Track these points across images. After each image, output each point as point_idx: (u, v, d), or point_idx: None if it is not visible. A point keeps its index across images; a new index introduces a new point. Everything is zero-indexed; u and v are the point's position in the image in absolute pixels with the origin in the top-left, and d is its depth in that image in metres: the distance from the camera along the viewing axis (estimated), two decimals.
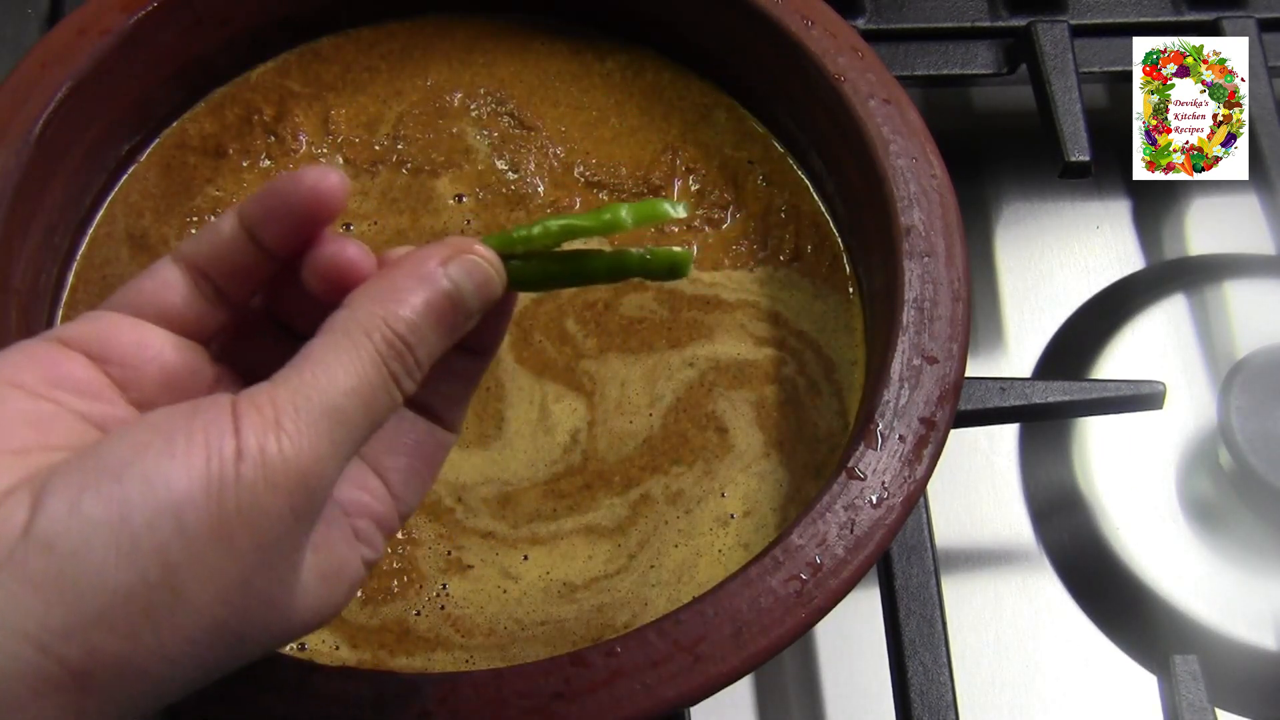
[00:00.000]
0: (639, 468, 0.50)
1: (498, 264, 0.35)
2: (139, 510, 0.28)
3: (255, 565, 0.30)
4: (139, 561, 0.28)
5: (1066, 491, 0.62)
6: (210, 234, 0.35)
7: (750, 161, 0.57)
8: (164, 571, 0.28)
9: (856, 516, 0.43)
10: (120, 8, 0.52)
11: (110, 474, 0.29)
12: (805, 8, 0.54)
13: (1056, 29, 0.66)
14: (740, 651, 0.41)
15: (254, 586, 0.30)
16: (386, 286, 0.33)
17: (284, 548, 0.30)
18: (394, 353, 0.32)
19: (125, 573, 0.28)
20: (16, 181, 0.48)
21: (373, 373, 0.31)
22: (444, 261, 0.33)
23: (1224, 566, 0.60)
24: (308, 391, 0.30)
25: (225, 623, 0.30)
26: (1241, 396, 0.57)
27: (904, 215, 0.49)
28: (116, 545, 0.28)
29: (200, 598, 0.29)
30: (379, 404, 0.32)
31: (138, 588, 0.28)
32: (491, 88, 0.58)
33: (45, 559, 0.28)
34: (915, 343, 0.47)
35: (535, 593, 0.47)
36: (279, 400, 0.30)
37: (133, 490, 0.28)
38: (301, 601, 0.32)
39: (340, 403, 0.30)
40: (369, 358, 0.31)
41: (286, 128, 0.56)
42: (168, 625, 0.29)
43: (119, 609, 0.28)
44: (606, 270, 0.37)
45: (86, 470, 0.29)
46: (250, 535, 0.29)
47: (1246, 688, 0.58)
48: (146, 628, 0.29)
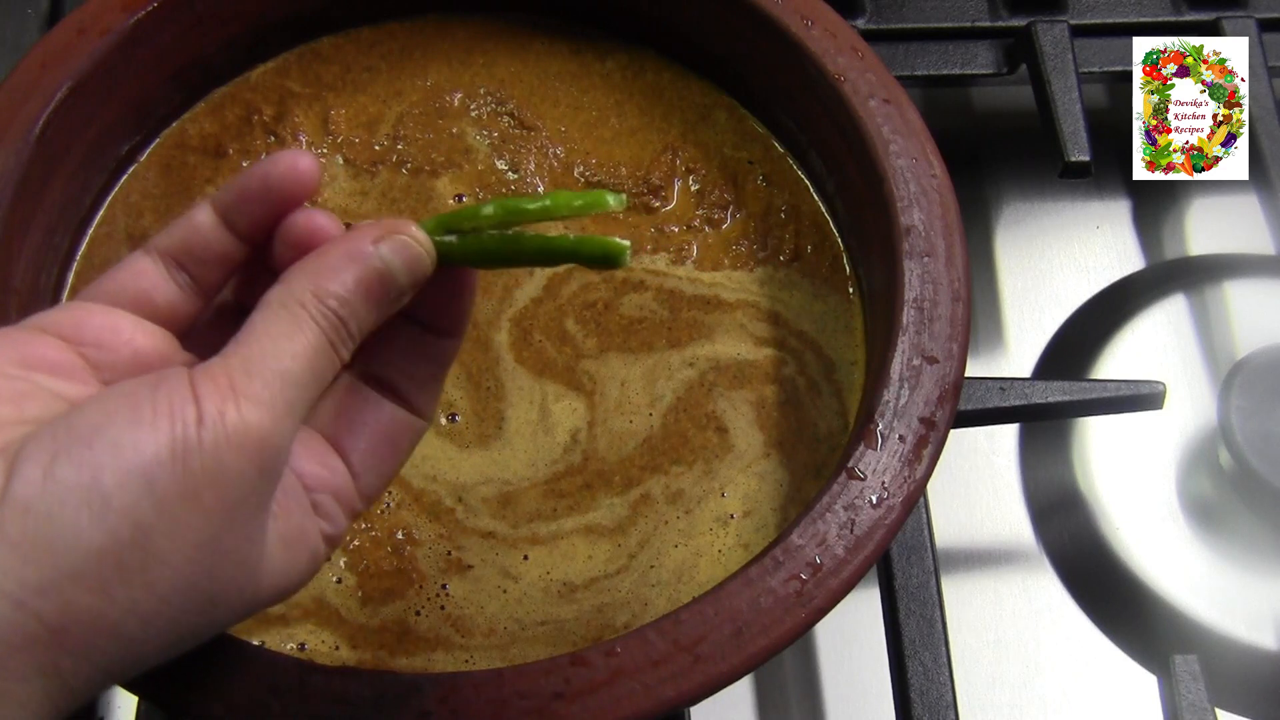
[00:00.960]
0: (639, 467, 0.50)
1: (428, 244, 0.36)
2: (109, 473, 0.30)
3: (223, 524, 0.31)
4: (110, 521, 0.30)
5: (1066, 491, 0.62)
6: (184, 223, 0.37)
7: (750, 161, 0.57)
8: (135, 531, 0.30)
9: (856, 516, 0.43)
10: (120, 8, 0.52)
11: (81, 440, 0.30)
12: (805, 8, 0.54)
13: (1056, 29, 0.66)
14: (740, 651, 0.41)
15: (223, 545, 0.32)
16: (321, 263, 0.35)
17: (249, 507, 0.32)
18: (329, 323, 0.34)
19: (97, 532, 0.30)
20: (16, 181, 0.48)
21: (314, 339, 0.34)
22: (376, 240, 0.35)
23: (1224, 566, 0.60)
24: (257, 360, 0.32)
25: (196, 582, 0.32)
26: (1241, 396, 0.57)
27: (904, 215, 0.49)
28: (89, 506, 0.30)
29: (172, 556, 0.31)
30: (322, 368, 0.34)
31: (109, 546, 0.30)
32: (491, 88, 0.58)
33: (22, 521, 0.29)
34: (915, 343, 0.47)
35: (535, 593, 0.47)
36: (232, 371, 0.32)
37: (103, 454, 0.30)
38: (268, 565, 0.34)
39: (288, 366, 0.33)
40: (309, 326, 0.34)
41: (286, 128, 0.56)
42: (140, 582, 0.30)
43: (92, 566, 0.30)
44: (539, 252, 0.37)
45: (58, 437, 0.30)
46: (216, 494, 0.31)
47: (1246, 688, 0.58)
48: (119, 585, 0.30)
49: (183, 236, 0.37)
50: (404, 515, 0.49)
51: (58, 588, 0.29)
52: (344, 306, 0.34)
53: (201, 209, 0.37)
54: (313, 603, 0.47)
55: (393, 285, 0.35)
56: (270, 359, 0.33)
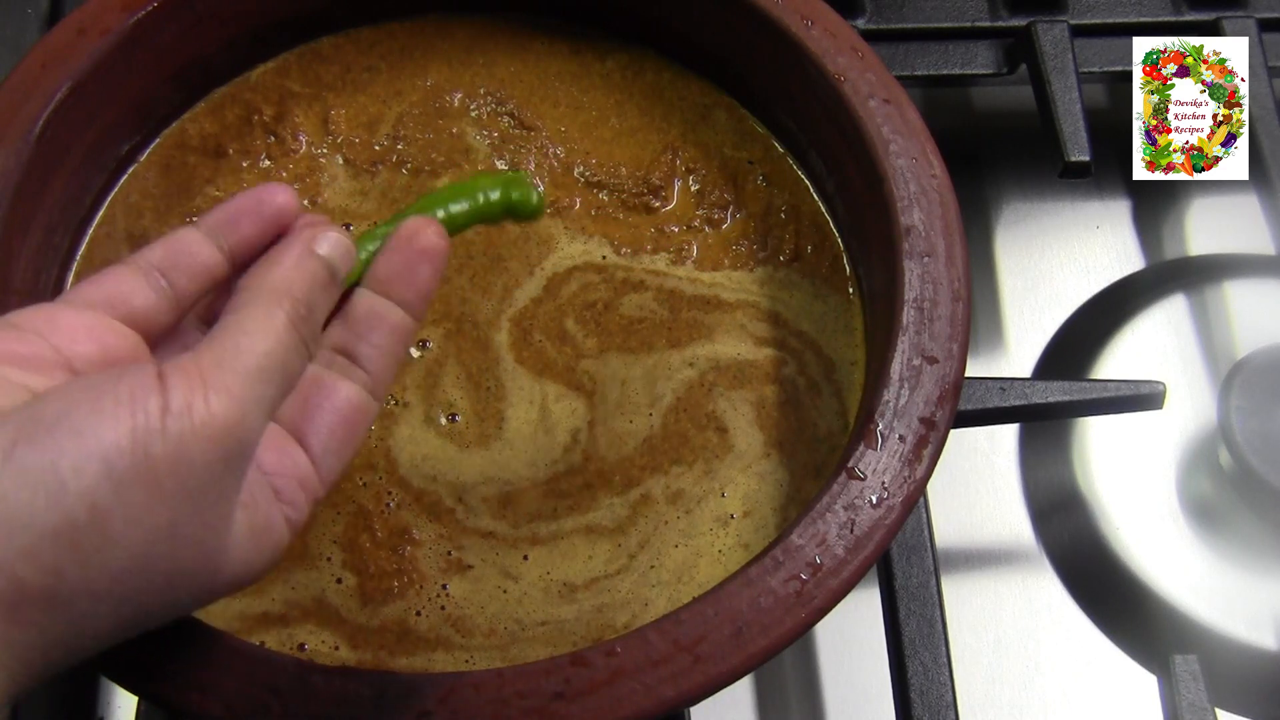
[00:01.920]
0: (639, 467, 0.50)
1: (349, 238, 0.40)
2: (68, 457, 0.31)
3: (184, 511, 0.32)
4: (66, 503, 0.31)
5: (1066, 491, 0.62)
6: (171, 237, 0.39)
7: (750, 161, 0.57)
8: (92, 513, 0.31)
9: (856, 516, 0.43)
10: (120, 8, 0.52)
11: (44, 427, 0.31)
12: (805, 8, 0.54)
13: (1056, 29, 0.66)
14: (740, 651, 0.41)
15: (183, 531, 0.33)
16: (280, 266, 0.37)
17: (212, 496, 0.33)
18: (299, 317, 0.36)
19: (52, 514, 0.31)
20: (16, 181, 0.48)
21: (286, 335, 0.35)
22: (313, 240, 0.38)
23: (1224, 566, 0.60)
24: (230, 354, 0.34)
25: (154, 564, 0.33)
26: (1241, 396, 0.57)
27: (904, 215, 0.49)
28: (45, 488, 0.31)
29: (129, 539, 0.32)
30: (293, 362, 0.36)
31: (64, 527, 0.31)
32: (491, 88, 0.58)
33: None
34: (915, 343, 0.47)
35: (535, 593, 0.47)
36: (204, 364, 0.33)
37: (64, 441, 0.31)
38: (232, 554, 0.35)
39: (260, 362, 0.34)
40: (282, 323, 0.36)
41: (286, 128, 0.56)
42: (95, 563, 0.31)
43: (46, 546, 0.31)
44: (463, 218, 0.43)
45: (22, 424, 0.31)
46: (178, 482, 0.32)
47: (1246, 688, 0.58)
48: (72, 564, 0.31)
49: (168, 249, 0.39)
50: (404, 515, 0.49)
51: (9, 566, 0.30)
52: (308, 301, 0.37)
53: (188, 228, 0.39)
54: (313, 603, 0.47)
55: (337, 277, 0.39)
56: (244, 354, 0.34)
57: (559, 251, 0.54)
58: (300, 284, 0.37)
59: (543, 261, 0.54)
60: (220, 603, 0.46)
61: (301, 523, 0.38)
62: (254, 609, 0.46)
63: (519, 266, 0.54)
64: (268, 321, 0.35)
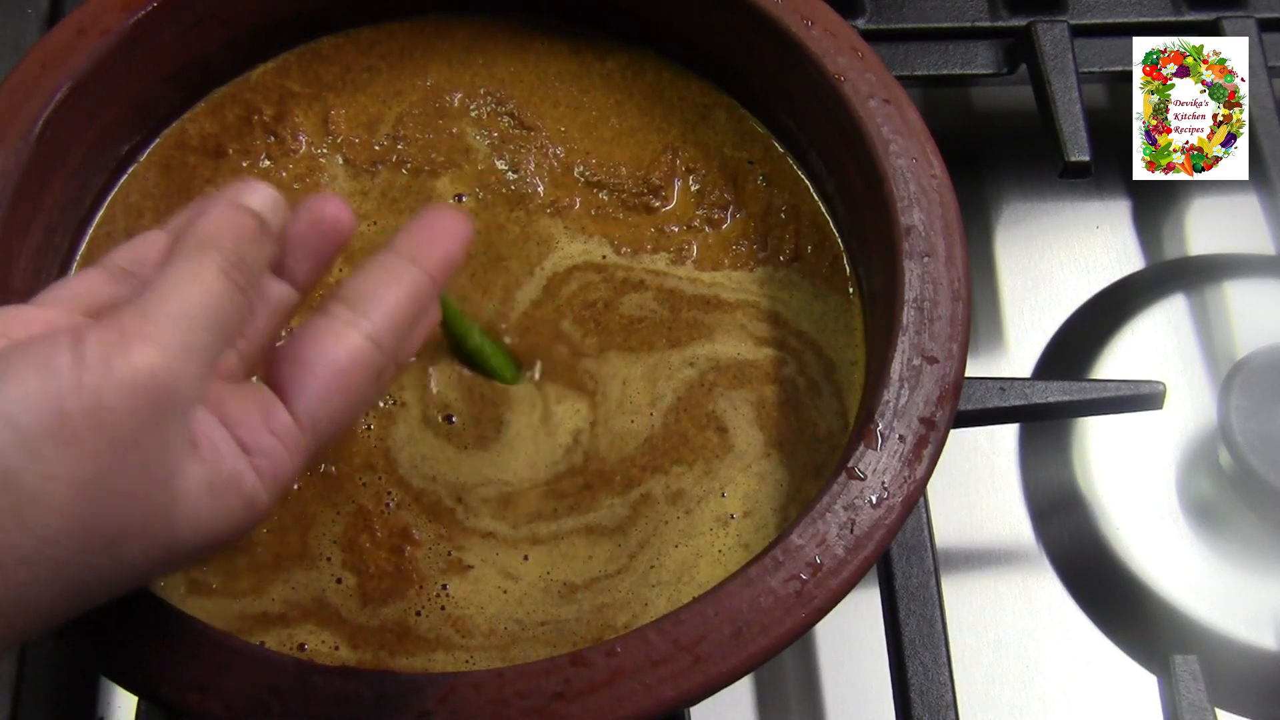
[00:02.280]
0: (639, 467, 0.50)
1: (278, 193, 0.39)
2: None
3: (112, 464, 0.32)
4: None
5: (1066, 491, 0.62)
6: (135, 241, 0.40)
7: (750, 161, 0.57)
8: (4, 475, 0.30)
9: (856, 516, 0.43)
10: (120, 8, 0.52)
11: None
12: (805, 8, 0.54)
13: (1056, 29, 0.66)
14: (740, 651, 0.41)
15: (116, 485, 0.32)
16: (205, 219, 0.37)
17: (146, 447, 0.32)
18: (230, 264, 0.35)
19: None
20: (16, 181, 0.48)
21: (217, 283, 0.35)
22: (240, 193, 0.38)
23: (1224, 566, 0.60)
24: (154, 305, 0.33)
25: (89, 523, 0.32)
26: (1241, 396, 0.57)
27: (904, 215, 0.49)
28: None
29: (49, 497, 0.31)
30: (228, 309, 0.35)
31: None
32: (491, 88, 0.58)
33: None
34: (915, 343, 0.47)
35: (535, 593, 0.47)
36: (125, 318, 0.33)
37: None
38: (188, 510, 0.34)
39: (188, 309, 0.34)
40: (211, 272, 0.35)
41: (286, 128, 0.56)
42: (15, 526, 0.31)
43: None
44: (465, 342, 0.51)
45: None
46: (101, 435, 0.31)
47: (1246, 688, 0.58)
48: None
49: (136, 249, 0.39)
50: (404, 515, 0.49)
51: None
52: (236, 248, 0.36)
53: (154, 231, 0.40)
54: (313, 603, 0.47)
55: (269, 228, 0.38)
56: (169, 302, 0.34)
57: (559, 251, 0.54)
58: (228, 234, 0.36)
59: (543, 261, 0.54)
60: (220, 603, 0.46)
61: (285, 477, 0.36)
62: (254, 609, 0.46)
63: (519, 266, 0.54)
64: (195, 271, 0.35)
